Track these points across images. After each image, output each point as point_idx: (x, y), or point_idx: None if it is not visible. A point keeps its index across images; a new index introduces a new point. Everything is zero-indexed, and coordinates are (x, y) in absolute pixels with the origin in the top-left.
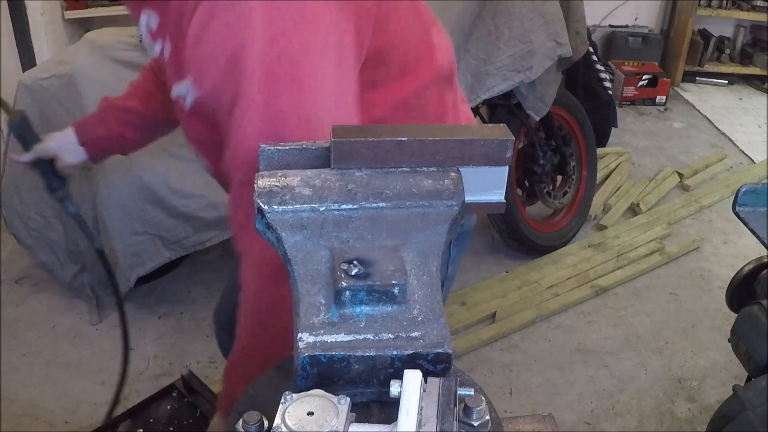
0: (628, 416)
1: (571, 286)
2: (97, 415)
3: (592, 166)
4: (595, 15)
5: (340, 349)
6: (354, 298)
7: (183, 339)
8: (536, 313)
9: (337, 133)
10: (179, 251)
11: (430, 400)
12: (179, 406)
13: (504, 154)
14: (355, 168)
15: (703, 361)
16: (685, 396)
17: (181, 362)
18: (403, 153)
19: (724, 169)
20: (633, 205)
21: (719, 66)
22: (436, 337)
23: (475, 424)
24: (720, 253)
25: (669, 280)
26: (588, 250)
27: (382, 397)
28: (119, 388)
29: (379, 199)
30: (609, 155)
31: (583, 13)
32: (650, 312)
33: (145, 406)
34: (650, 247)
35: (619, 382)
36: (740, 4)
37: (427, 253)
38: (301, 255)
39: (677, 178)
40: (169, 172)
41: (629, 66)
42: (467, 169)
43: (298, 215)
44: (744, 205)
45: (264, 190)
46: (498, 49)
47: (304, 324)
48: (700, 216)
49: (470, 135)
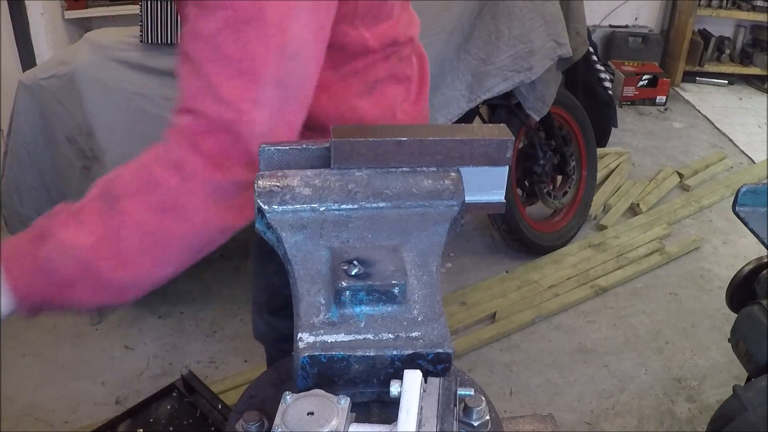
0: (628, 416)
1: (571, 286)
2: (97, 415)
3: (592, 166)
4: (595, 15)
5: (340, 349)
6: (354, 298)
7: (183, 339)
8: (536, 313)
9: (337, 133)
10: None
11: (430, 400)
12: (179, 406)
13: (504, 154)
14: (355, 168)
15: (703, 361)
16: (685, 396)
17: (181, 362)
18: (403, 153)
19: (724, 169)
20: (633, 205)
21: (719, 66)
22: (436, 337)
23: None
24: (720, 253)
25: (669, 280)
26: (588, 250)
27: (382, 397)
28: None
29: (379, 199)
30: (609, 155)
31: (583, 13)
32: (650, 312)
33: (145, 406)
34: (650, 247)
35: (619, 382)
36: (740, 4)
37: (427, 253)
38: (301, 255)
39: (677, 178)
40: None
41: (629, 66)
42: (467, 169)
43: (298, 215)
44: (744, 205)
45: (264, 190)
46: (498, 49)
47: (304, 324)
48: (700, 216)
49: (470, 135)
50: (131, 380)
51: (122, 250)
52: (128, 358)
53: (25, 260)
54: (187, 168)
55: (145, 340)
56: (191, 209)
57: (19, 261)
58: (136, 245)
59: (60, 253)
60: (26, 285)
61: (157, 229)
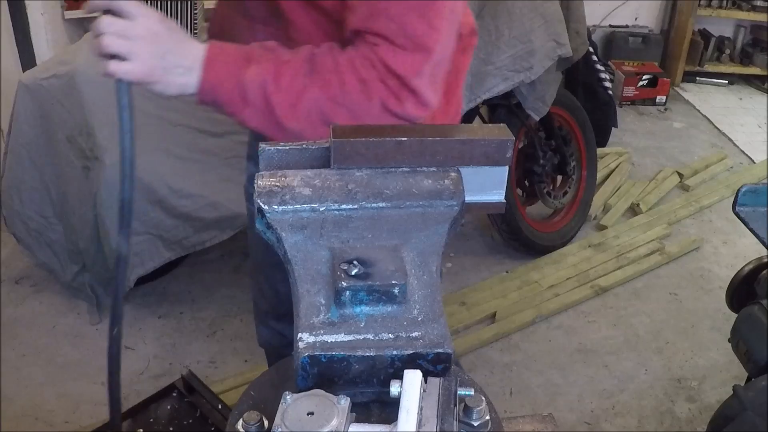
0: (628, 416)
1: (571, 286)
2: (97, 415)
3: (592, 166)
4: (595, 15)
5: (340, 349)
6: (354, 298)
7: (183, 339)
8: (536, 313)
9: (337, 133)
10: (179, 251)
11: (430, 400)
12: (179, 406)
13: (504, 154)
14: (355, 168)
15: (703, 361)
16: (685, 396)
17: (181, 362)
18: (403, 153)
19: (724, 169)
20: (633, 205)
21: (719, 66)
22: (436, 337)
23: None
24: (720, 253)
25: (669, 280)
26: (588, 250)
27: (382, 397)
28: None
29: (379, 199)
30: (609, 155)
31: (583, 13)
32: (650, 312)
33: (145, 406)
34: (650, 247)
35: (619, 382)
36: (740, 4)
37: (427, 253)
38: (301, 255)
39: (677, 178)
40: (169, 172)
41: (629, 66)
42: (467, 169)
43: (298, 215)
44: (744, 205)
45: (264, 190)
46: (498, 49)
47: (304, 324)
48: (700, 216)
49: (470, 135)
50: (131, 380)
51: (297, 108)
52: (128, 358)
53: (225, 67)
54: (371, 90)
55: (145, 340)
56: (361, 116)
57: (221, 63)
58: (306, 111)
59: (254, 80)
60: (215, 83)
61: (326, 113)
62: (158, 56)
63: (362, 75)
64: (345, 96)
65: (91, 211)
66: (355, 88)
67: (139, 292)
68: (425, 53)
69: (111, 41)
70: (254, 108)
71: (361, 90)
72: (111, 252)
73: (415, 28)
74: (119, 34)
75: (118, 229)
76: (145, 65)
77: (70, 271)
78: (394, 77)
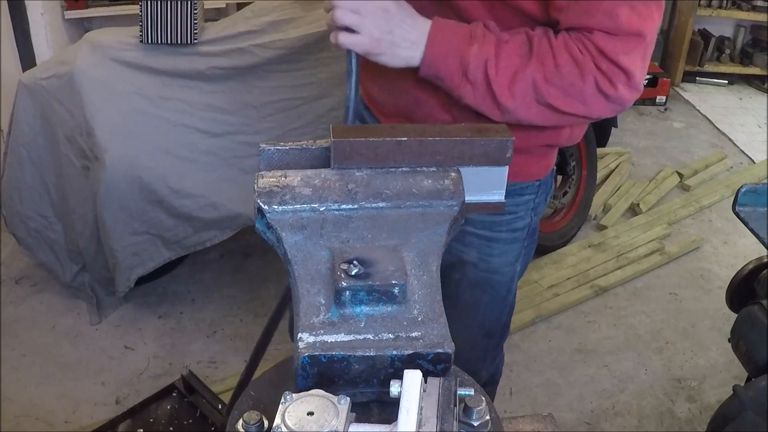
0: (628, 416)
1: (571, 286)
2: (97, 415)
3: (592, 166)
4: None
5: (340, 349)
6: (354, 298)
7: (183, 339)
8: (536, 313)
9: (337, 133)
10: (179, 251)
11: (430, 400)
12: (179, 406)
13: (504, 154)
14: (355, 168)
15: (703, 361)
16: (685, 396)
17: (181, 362)
18: (403, 153)
19: (724, 169)
20: (633, 205)
21: (719, 66)
22: (436, 337)
23: (475, 424)
24: (720, 253)
25: (669, 280)
26: (588, 250)
27: (382, 397)
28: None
29: (379, 199)
30: (609, 155)
31: None
32: (650, 312)
33: (145, 406)
34: (650, 247)
35: (619, 382)
36: (740, 4)
37: (427, 253)
38: (301, 255)
39: (677, 178)
40: (169, 172)
41: None
42: (467, 169)
43: (298, 215)
44: (744, 205)
45: (264, 190)
46: None
47: (304, 324)
48: (700, 216)
49: (470, 135)
50: (131, 380)
51: (514, 87)
52: (128, 358)
53: (449, 44)
54: (585, 71)
55: (145, 340)
56: (573, 96)
57: (445, 40)
58: (522, 90)
59: (477, 58)
60: (438, 58)
61: (540, 92)
62: (386, 30)
63: (576, 56)
64: (559, 77)
65: (91, 211)
66: (569, 69)
67: (139, 292)
68: (639, 38)
69: (343, 14)
70: (474, 85)
71: (575, 71)
72: (111, 252)
73: (630, 20)
74: (352, 9)
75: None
76: (373, 38)
77: (70, 271)
78: (607, 60)
